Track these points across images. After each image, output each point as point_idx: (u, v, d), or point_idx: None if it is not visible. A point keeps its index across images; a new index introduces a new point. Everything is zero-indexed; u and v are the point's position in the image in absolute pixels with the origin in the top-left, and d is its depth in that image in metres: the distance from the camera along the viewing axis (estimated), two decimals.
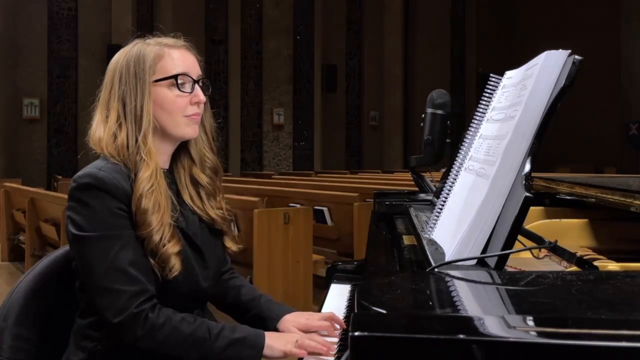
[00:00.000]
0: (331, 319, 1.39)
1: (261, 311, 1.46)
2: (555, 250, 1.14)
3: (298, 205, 5.01)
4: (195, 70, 1.36)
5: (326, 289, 1.77)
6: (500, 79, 1.32)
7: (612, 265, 1.04)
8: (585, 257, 1.05)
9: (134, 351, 1.22)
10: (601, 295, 0.83)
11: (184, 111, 1.34)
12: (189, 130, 1.35)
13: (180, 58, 1.35)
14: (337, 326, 1.38)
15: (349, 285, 1.73)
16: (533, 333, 0.68)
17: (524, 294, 0.83)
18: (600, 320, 0.70)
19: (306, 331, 1.38)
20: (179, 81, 1.33)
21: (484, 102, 1.33)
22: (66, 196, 1.31)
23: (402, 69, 16.14)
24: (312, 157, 14.98)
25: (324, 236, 5.12)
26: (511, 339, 0.64)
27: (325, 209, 5.03)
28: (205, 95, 1.37)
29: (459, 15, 17.74)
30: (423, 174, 2.26)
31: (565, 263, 1.10)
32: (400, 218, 1.90)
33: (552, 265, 1.16)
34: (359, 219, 4.57)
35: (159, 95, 1.32)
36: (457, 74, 17.62)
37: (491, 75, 1.34)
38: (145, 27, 12.73)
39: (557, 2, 16.95)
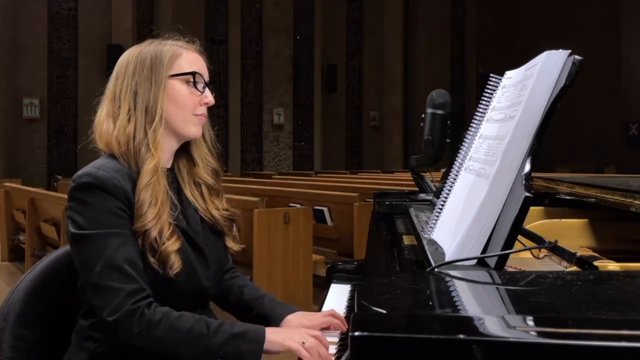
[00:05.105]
0: (332, 315, 1.39)
1: (264, 310, 1.46)
2: (555, 250, 1.14)
3: (298, 205, 5.01)
4: (206, 74, 1.40)
5: (326, 289, 1.77)
6: (500, 79, 1.32)
7: (612, 265, 1.04)
8: (585, 257, 1.05)
9: (135, 352, 1.21)
10: (601, 295, 0.83)
11: (194, 109, 1.36)
12: (194, 129, 1.37)
13: (196, 60, 1.39)
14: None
15: (349, 285, 1.73)
16: (533, 333, 0.68)
17: (524, 294, 0.83)
18: (600, 320, 0.70)
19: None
20: (195, 79, 1.36)
21: (484, 102, 1.33)
22: (66, 196, 1.31)
23: (402, 69, 16.14)
24: (312, 157, 14.98)
25: (324, 236, 5.12)
26: (511, 339, 0.64)
27: (325, 209, 5.03)
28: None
29: (459, 15, 17.75)
30: (423, 174, 2.26)
31: (565, 263, 1.10)
32: (400, 218, 1.90)
33: (552, 265, 1.16)
34: (359, 219, 4.57)
35: (174, 89, 1.34)
36: (457, 74, 17.63)
37: (491, 75, 1.34)
38: (145, 27, 12.74)
39: (557, 2, 16.95)
